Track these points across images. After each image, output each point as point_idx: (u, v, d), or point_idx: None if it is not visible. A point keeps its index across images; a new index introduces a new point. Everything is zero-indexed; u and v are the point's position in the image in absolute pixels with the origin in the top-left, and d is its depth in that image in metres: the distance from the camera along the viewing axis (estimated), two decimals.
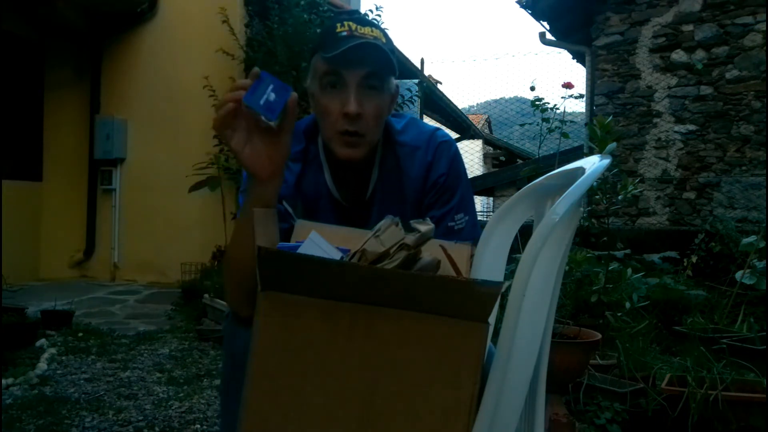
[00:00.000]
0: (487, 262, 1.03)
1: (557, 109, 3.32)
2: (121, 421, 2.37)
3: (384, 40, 1.15)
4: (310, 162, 1.26)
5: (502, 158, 14.55)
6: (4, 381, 2.68)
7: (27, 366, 2.94)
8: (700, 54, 5.61)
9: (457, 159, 1.27)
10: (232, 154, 1.01)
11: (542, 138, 3.33)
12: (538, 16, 6.69)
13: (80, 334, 3.64)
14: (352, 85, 1.13)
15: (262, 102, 0.94)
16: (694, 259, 4.09)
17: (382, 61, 1.14)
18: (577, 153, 5.74)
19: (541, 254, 0.77)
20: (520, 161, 12.46)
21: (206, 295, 4.12)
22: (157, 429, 2.31)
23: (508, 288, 0.78)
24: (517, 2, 6.65)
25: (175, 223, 5.62)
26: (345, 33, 1.12)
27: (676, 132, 5.71)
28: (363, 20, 1.17)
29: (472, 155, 13.57)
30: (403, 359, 0.79)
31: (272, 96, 0.94)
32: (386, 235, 0.91)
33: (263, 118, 0.97)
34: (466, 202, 1.26)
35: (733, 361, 2.40)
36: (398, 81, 1.24)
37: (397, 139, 1.26)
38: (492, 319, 0.88)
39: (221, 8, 5.30)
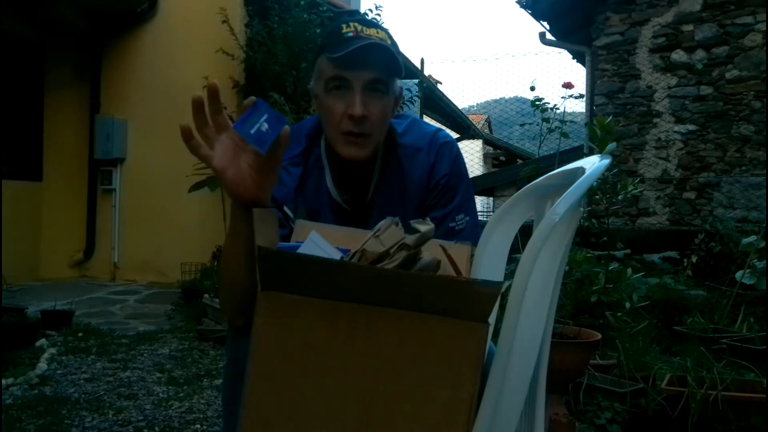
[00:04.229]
0: (487, 262, 1.03)
1: (557, 109, 3.32)
2: (121, 421, 2.37)
3: (389, 41, 1.15)
4: (311, 165, 1.26)
5: (502, 158, 14.55)
6: (4, 381, 2.68)
7: (27, 366, 2.94)
8: (700, 54, 5.61)
9: (458, 160, 1.27)
10: (215, 175, 0.94)
11: (542, 138, 3.33)
12: (538, 16, 6.69)
13: (80, 334, 3.64)
14: (357, 88, 1.13)
15: (253, 131, 0.88)
16: (694, 259, 4.10)
17: (388, 63, 1.14)
18: (577, 153, 5.74)
19: (541, 254, 0.77)
20: (520, 161, 12.46)
21: (206, 295, 4.12)
22: (157, 429, 2.31)
23: (508, 288, 0.78)
24: (517, 2, 6.66)
25: (175, 223, 5.62)
26: (351, 34, 1.12)
27: (676, 132, 5.71)
28: (368, 21, 1.17)
29: (472, 155, 13.57)
30: (403, 359, 0.79)
31: (265, 126, 0.89)
32: (386, 235, 0.91)
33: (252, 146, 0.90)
34: (467, 202, 1.26)
35: (733, 361, 2.41)
36: (400, 82, 1.24)
37: (398, 141, 1.26)
38: (492, 319, 0.88)
39: (221, 8, 5.30)
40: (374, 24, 1.18)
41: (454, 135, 11.13)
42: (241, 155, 0.93)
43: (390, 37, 1.17)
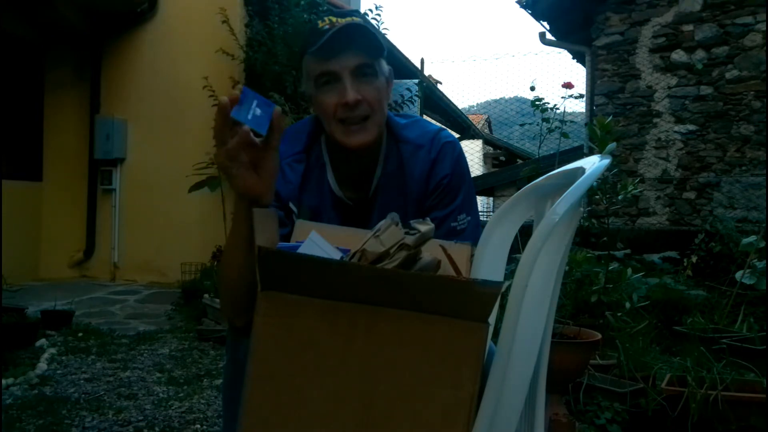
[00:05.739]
0: (487, 262, 1.03)
1: (557, 109, 3.31)
2: (121, 421, 2.37)
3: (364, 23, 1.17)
4: (312, 163, 1.27)
5: (502, 158, 14.55)
6: (4, 381, 2.68)
7: (27, 366, 2.94)
8: (700, 54, 5.61)
9: (461, 160, 1.27)
10: (225, 176, 0.97)
11: (542, 138, 3.33)
12: (538, 16, 6.69)
13: (80, 334, 3.64)
14: (345, 76, 1.14)
15: (250, 117, 0.93)
16: (694, 259, 4.10)
17: (368, 42, 1.15)
18: (577, 153, 5.75)
19: (541, 254, 0.77)
20: (520, 161, 12.46)
21: (206, 295, 4.12)
22: (157, 429, 2.31)
23: (508, 288, 0.78)
24: (517, 2, 6.66)
25: (175, 223, 5.62)
26: (327, 26, 1.14)
27: (676, 132, 5.71)
28: (342, 13, 1.19)
29: (472, 155, 13.55)
30: (403, 359, 0.79)
31: (258, 111, 0.94)
32: (386, 235, 0.91)
33: (253, 131, 0.95)
34: (468, 202, 1.26)
35: (733, 361, 2.40)
36: (398, 80, 1.25)
37: (400, 134, 1.27)
38: (492, 319, 0.88)
39: (221, 8, 5.30)
40: (350, 14, 1.19)
41: (454, 135, 11.10)
42: (240, 152, 0.95)
43: (366, 21, 1.18)
